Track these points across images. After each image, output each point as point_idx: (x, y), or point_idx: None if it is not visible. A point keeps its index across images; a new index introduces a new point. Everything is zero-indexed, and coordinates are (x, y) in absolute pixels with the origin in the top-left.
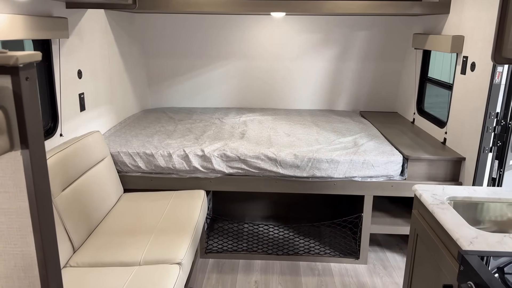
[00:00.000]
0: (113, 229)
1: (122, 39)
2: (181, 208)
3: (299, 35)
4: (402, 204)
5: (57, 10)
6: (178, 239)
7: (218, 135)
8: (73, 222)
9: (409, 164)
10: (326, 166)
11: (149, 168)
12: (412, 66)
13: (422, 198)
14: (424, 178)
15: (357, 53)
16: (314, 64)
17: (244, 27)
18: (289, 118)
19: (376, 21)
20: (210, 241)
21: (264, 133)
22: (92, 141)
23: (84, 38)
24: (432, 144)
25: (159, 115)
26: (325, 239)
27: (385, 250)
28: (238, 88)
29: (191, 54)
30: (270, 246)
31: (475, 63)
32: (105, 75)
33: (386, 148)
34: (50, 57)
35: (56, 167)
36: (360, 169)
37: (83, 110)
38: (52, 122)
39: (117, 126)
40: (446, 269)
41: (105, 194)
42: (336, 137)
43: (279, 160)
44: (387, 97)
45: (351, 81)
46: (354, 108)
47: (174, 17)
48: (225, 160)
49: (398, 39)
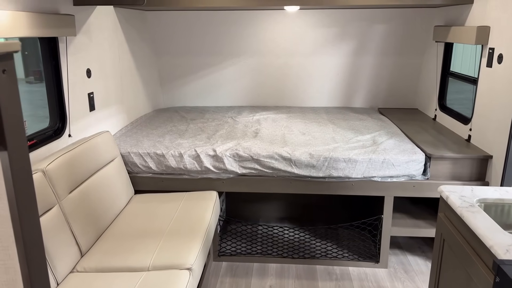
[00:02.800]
0: (122, 233)
1: (133, 37)
2: (192, 210)
3: (314, 30)
4: (425, 205)
5: (64, 7)
6: (189, 243)
7: (231, 134)
8: (81, 226)
9: (432, 163)
10: (344, 165)
11: (160, 169)
12: (433, 60)
13: (449, 200)
14: (448, 177)
15: (375, 47)
16: (330, 60)
17: (257, 23)
18: (304, 116)
19: (394, 14)
20: (223, 244)
21: (278, 131)
22: (101, 142)
23: (93, 36)
24: (455, 141)
25: (171, 114)
26: (343, 241)
27: (407, 253)
28: (252, 86)
29: (204, 52)
30: (285, 249)
31: (502, 55)
32: (115, 74)
33: (407, 146)
34: (57, 55)
35: (63, 169)
36: (379, 169)
37: (92, 110)
38: (60, 123)
39: (128, 126)
40: (478, 279)
41: (114, 196)
42: (353, 135)
43: (293, 159)
44: (406, 93)
45: (369, 77)
46: (372, 105)
47: (186, 15)
48: (238, 160)
49: (418, 32)
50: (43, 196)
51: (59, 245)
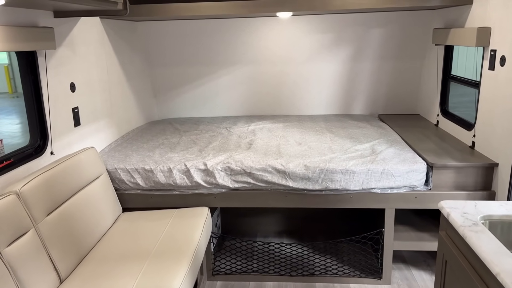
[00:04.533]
0: (106, 255)
1: (122, 48)
2: (181, 229)
3: (309, 36)
4: (429, 215)
5: (44, 20)
6: (175, 266)
7: (224, 146)
8: (60, 250)
9: (434, 173)
10: (341, 177)
11: (148, 185)
12: (433, 64)
13: (450, 218)
14: (452, 187)
15: (373, 52)
16: (327, 66)
17: (250, 30)
18: (301, 125)
19: (391, 17)
20: (217, 262)
21: (273, 142)
22: (85, 159)
23: (76, 49)
24: (459, 148)
25: (165, 126)
26: (343, 256)
27: (411, 268)
28: (248, 95)
29: (197, 62)
30: (283, 266)
31: (505, 57)
32: (103, 87)
33: (408, 155)
34: (36, 70)
35: (40, 190)
36: (379, 180)
37: (77, 125)
38: (41, 140)
39: (118, 140)
40: None
41: (99, 216)
42: (351, 144)
43: (288, 172)
44: (407, 98)
45: (368, 83)
46: (372, 111)
47: (178, 24)
48: (230, 174)
49: (417, 35)
50: (17, 220)
51: (35, 272)
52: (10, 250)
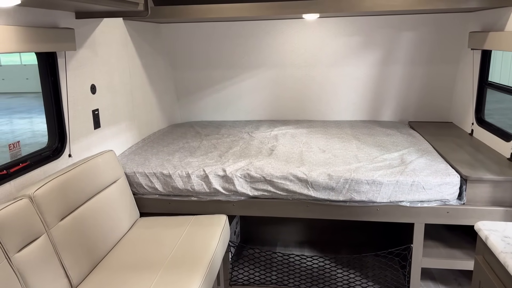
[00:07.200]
0: (120, 263)
1: (146, 50)
2: (198, 237)
3: (336, 39)
4: (462, 231)
5: (65, 20)
6: (189, 276)
7: (244, 152)
8: (73, 256)
9: (468, 186)
10: (367, 188)
11: (166, 190)
12: (469, 69)
13: (489, 242)
14: (488, 203)
15: (404, 56)
16: (354, 70)
17: (275, 33)
18: (326, 131)
19: (424, 20)
20: (235, 272)
21: (296, 149)
22: (102, 162)
23: (98, 51)
24: (496, 160)
25: (186, 130)
26: (367, 271)
27: (440, 286)
28: (271, 99)
29: (221, 65)
30: (303, 278)
31: None
32: (125, 89)
33: (440, 166)
34: (55, 71)
35: (54, 194)
36: (408, 192)
37: (97, 128)
38: (59, 142)
39: (139, 143)
40: None
41: (114, 222)
42: (379, 153)
43: (310, 181)
44: (440, 105)
45: (398, 88)
46: (402, 118)
47: (202, 27)
48: (249, 181)
49: (451, 39)
50: (28, 225)
51: (45, 279)
52: (20, 255)
